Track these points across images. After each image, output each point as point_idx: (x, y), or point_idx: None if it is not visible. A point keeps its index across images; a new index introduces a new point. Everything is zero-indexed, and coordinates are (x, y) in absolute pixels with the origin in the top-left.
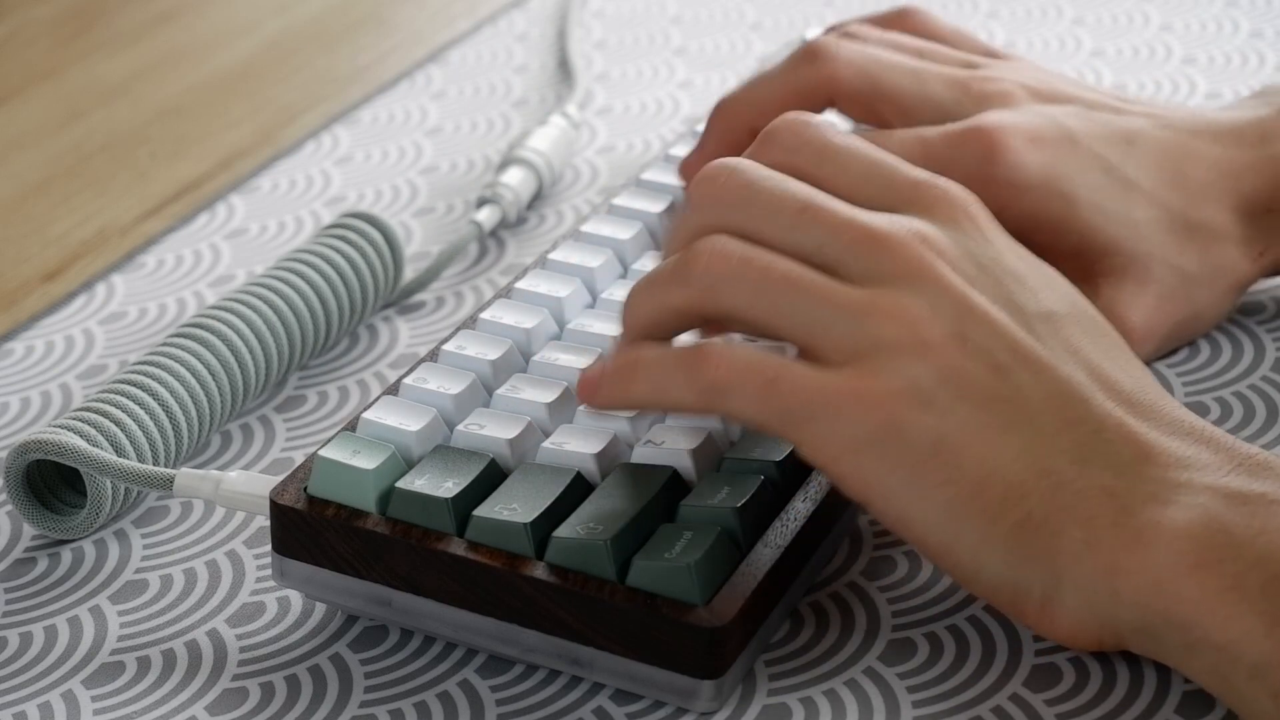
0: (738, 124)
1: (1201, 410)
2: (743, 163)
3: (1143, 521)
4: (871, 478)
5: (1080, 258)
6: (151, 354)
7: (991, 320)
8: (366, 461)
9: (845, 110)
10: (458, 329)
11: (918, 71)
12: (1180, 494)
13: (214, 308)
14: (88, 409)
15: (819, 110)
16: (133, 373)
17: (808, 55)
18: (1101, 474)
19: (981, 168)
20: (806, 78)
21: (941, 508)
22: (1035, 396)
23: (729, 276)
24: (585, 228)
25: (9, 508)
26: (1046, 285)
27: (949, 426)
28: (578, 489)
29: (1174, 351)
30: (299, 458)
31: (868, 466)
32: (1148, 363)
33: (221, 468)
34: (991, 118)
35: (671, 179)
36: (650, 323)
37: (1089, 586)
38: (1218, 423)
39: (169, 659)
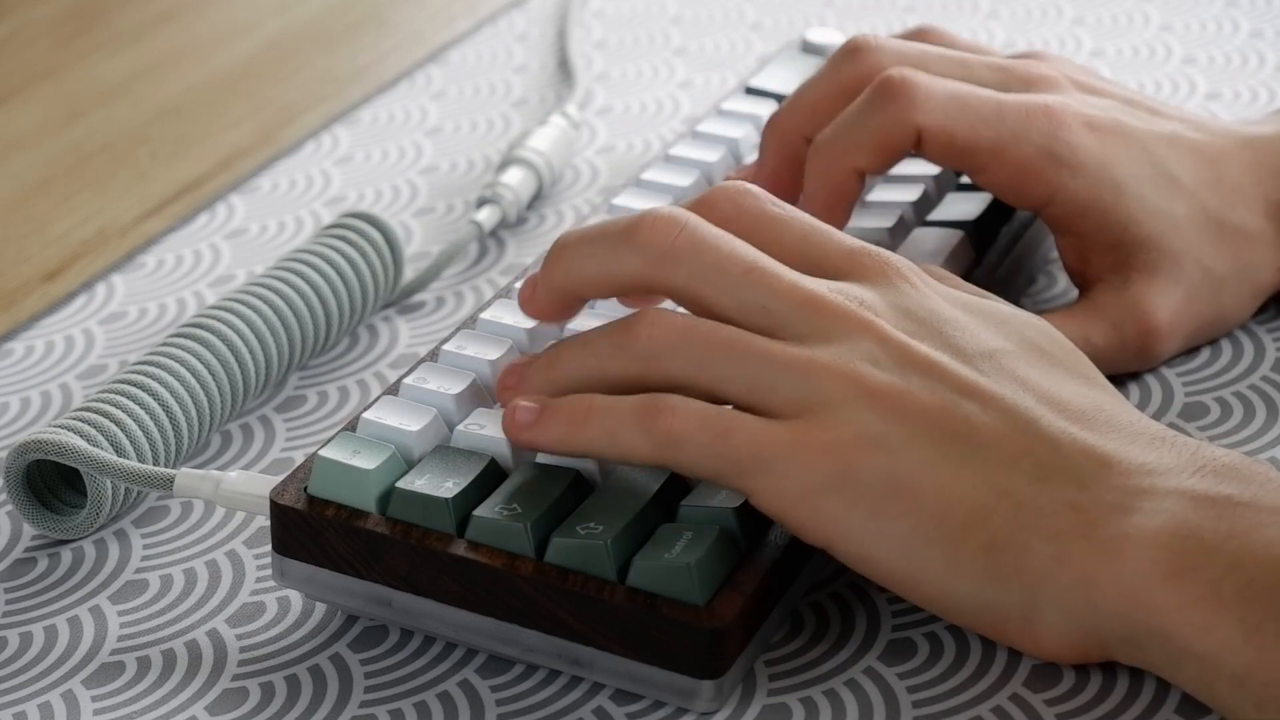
0: (792, 134)
1: (1201, 410)
2: (692, 218)
3: (1111, 532)
4: (828, 520)
5: (1117, 250)
6: (151, 354)
7: (933, 363)
8: (366, 461)
9: None
10: (458, 329)
11: (963, 60)
12: (1145, 500)
13: (214, 308)
14: (88, 409)
15: None
16: (133, 373)
17: (849, 52)
18: (1063, 489)
19: (1045, 143)
20: (852, 73)
21: (902, 540)
22: (985, 425)
23: (671, 347)
24: None
25: (9, 508)
26: (986, 326)
27: (903, 464)
28: (578, 489)
29: (1183, 352)
30: (299, 458)
31: (824, 510)
32: (1163, 362)
33: (221, 468)
34: (1052, 97)
35: (671, 179)
36: (577, 383)
37: (1065, 601)
38: (1217, 422)
39: (169, 659)
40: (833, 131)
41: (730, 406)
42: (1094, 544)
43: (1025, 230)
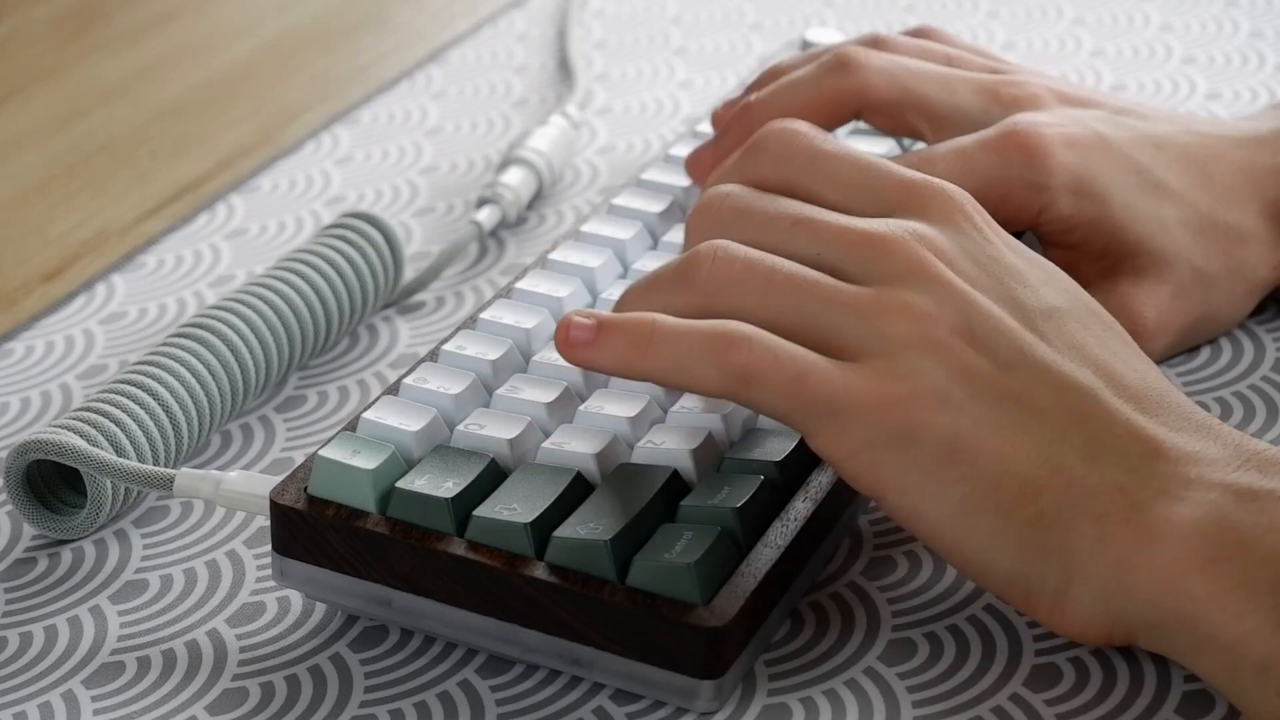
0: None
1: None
2: (734, 188)
3: (1153, 518)
4: (887, 475)
5: (1106, 256)
6: (151, 354)
7: (995, 318)
8: (366, 461)
9: (872, 120)
10: (458, 329)
11: (946, 79)
12: (1190, 490)
13: (214, 308)
14: (88, 409)
15: (846, 120)
16: (133, 373)
17: (838, 64)
18: (1112, 470)
19: (1022, 173)
20: (837, 87)
21: (955, 505)
22: (1044, 394)
23: (734, 281)
24: (585, 228)
25: (9, 508)
26: (1046, 281)
27: (964, 425)
28: (578, 489)
29: (1180, 352)
30: (299, 458)
31: (884, 464)
32: (1157, 362)
33: (221, 468)
34: (1024, 119)
35: (671, 179)
36: None
37: (1101, 582)
38: None
39: (169, 659)
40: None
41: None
42: (1135, 528)
43: (1024, 230)
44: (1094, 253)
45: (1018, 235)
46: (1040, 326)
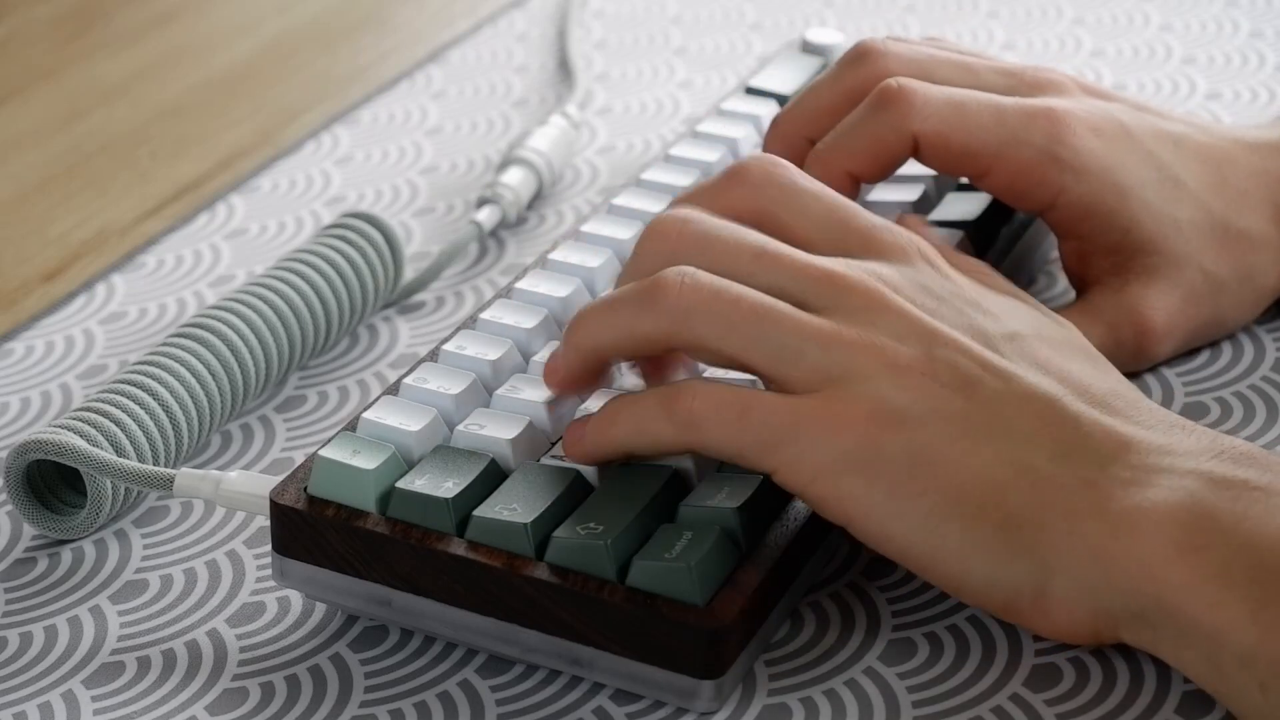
0: (794, 137)
1: (1201, 410)
2: (692, 213)
3: (1126, 506)
4: (849, 496)
5: (1118, 252)
6: (151, 354)
7: (956, 341)
8: (366, 461)
9: None
10: (458, 329)
11: (968, 64)
12: (1162, 477)
13: (214, 308)
14: (88, 409)
15: None
16: (133, 373)
17: (857, 56)
18: (1081, 468)
19: (1047, 146)
20: (859, 77)
21: (922, 517)
22: (1008, 403)
23: (701, 307)
24: (585, 228)
25: (9, 508)
26: (1008, 310)
27: (923, 439)
28: (578, 489)
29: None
30: (299, 458)
31: (845, 486)
32: (1163, 363)
33: (221, 468)
34: (1056, 101)
35: (671, 179)
36: (609, 346)
37: (1079, 576)
38: (1217, 422)
39: (169, 659)
40: (830, 138)
41: (752, 382)
42: (1108, 519)
43: (1025, 230)
44: (1106, 246)
45: (1020, 231)
46: (1002, 348)
